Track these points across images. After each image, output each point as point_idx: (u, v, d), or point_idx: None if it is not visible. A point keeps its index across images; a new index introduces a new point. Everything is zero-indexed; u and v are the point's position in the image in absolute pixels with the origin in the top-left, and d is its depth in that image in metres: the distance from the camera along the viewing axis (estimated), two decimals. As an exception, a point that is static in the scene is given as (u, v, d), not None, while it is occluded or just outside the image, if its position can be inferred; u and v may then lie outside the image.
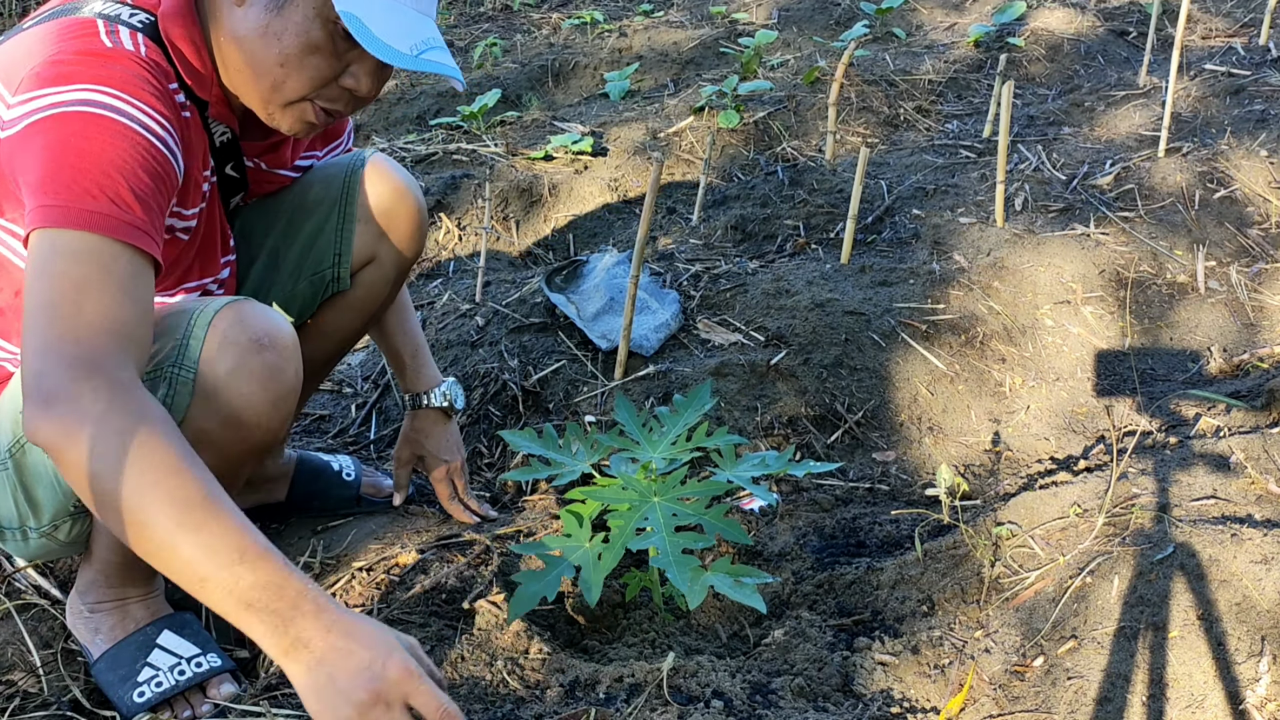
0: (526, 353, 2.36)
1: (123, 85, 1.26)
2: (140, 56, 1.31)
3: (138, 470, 1.12)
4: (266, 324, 1.36)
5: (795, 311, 2.39)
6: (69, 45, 1.28)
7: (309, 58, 1.37)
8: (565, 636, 1.68)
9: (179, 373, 1.32)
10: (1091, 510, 1.73)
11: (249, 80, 1.41)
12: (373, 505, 1.94)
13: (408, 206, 1.76)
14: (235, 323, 1.34)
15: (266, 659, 1.62)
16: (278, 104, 1.42)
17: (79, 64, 1.26)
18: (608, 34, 4.68)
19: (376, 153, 1.77)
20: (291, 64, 1.37)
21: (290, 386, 1.38)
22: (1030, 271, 2.54)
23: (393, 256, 1.78)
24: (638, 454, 1.64)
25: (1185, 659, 1.44)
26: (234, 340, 1.33)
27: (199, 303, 1.38)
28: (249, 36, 1.37)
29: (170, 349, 1.33)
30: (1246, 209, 2.79)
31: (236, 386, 1.34)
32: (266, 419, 1.37)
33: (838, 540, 1.89)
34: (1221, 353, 2.40)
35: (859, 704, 1.48)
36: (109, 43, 1.30)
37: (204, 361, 1.32)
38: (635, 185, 3.33)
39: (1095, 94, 3.67)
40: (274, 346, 1.36)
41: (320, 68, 1.39)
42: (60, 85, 1.24)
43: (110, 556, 1.49)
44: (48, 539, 1.47)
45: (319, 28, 1.36)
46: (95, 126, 1.22)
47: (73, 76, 1.25)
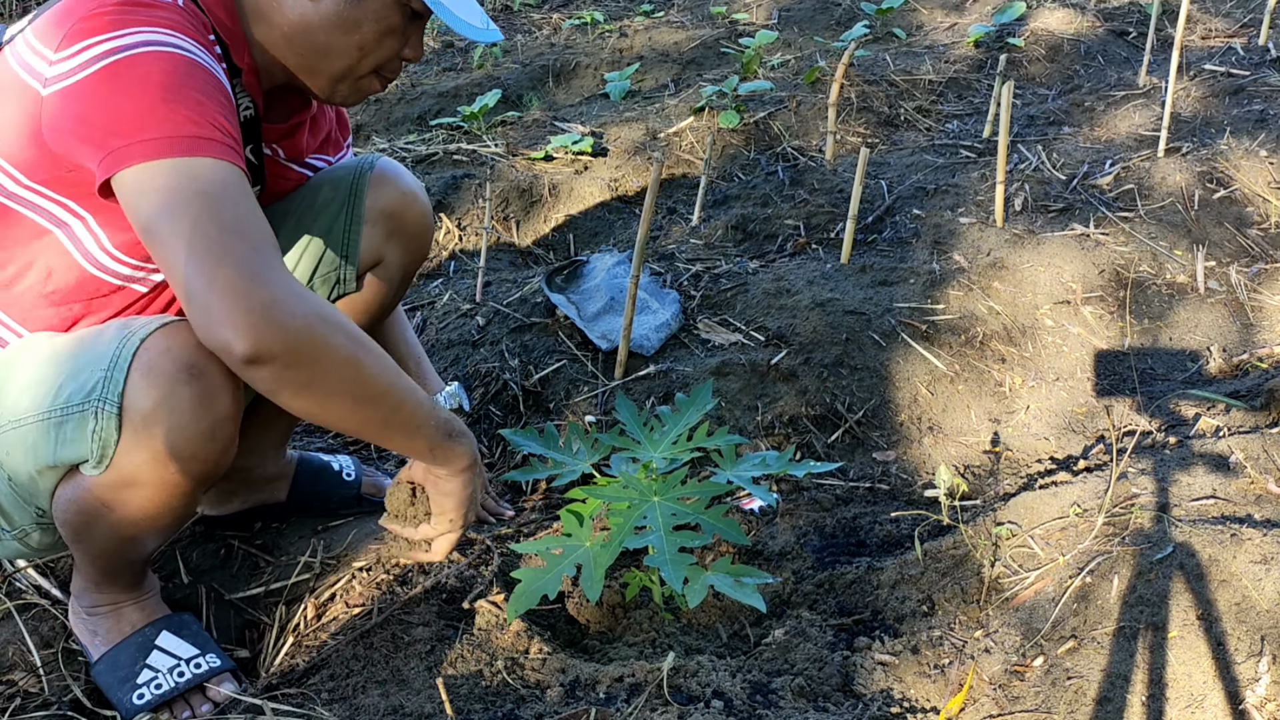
0: (527, 352, 2.36)
1: (176, 27, 1.27)
2: (179, 6, 1.32)
3: (362, 362, 1.28)
4: (196, 350, 1.28)
5: (796, 311, 2.39)
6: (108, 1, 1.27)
7: (386, 39, 1.46)
8: (565, 636, 1.68)
9: (104, 407, 1.27)
10: (1091, 510, 1.73)
11: (318, 63, 1.45)
12: (373, 505, 1.94)
13: (415, 210, 1.78)
14: (160, 351, 1.28)
15: (266, 658, 1.62)
16: (348, 81, 1.49)
17: (124, 11, 1.26)
18: (608, 34, 4.68)
19: (383, 157, 1.78)
20: (369, 47, 1.45)
21: (226, 414, 1.31)
22: (1030, 271, 2.54)
23: (399, 259, 1.79)
24: (638, 454, 1.64)
25: (1185, 659, 1.44)
26: (160, 371, 1.27)
27: (128, 326, 1.32)
28: (325, 25, 1.42)
29: (96, 381, 1.28)
30: (1246, 209, 2.79)
31: (165, 420, 1.27)
32: (202, 451, 1.31)
33: (838, 540, 1.89)
34: (1221, 353, 2.40)
35: (859, 704, 1.48)
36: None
37: (129, 395, 1.27)
38: (635, 185, 3.33)
39: (1095, 94, 3.67)
40: (204, 374, 1.28)
41: (394, 46, 1.47)
42: (112, 31, 1.23)
43: (90, 570, 1.50)
44: (19, 544, 1.48)
45: (396, 12, 1.44)
46: (168, 61, 1.23)
47: (123, 23, 1.24)
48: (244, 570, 1.79)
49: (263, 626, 1.70)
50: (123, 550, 1.45)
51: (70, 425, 1.30)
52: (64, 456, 1.33)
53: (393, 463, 2.18)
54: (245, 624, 1.72)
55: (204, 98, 1.25)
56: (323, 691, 1.50)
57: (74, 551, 1.46)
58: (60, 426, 1.31)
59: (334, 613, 1.65)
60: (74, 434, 1.30)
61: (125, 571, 1.51)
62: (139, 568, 1.53)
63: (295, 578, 1.74)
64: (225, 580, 1.77)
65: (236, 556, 1.82)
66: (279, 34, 1.43)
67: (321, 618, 1.65)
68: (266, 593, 1.74)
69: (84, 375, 1.30)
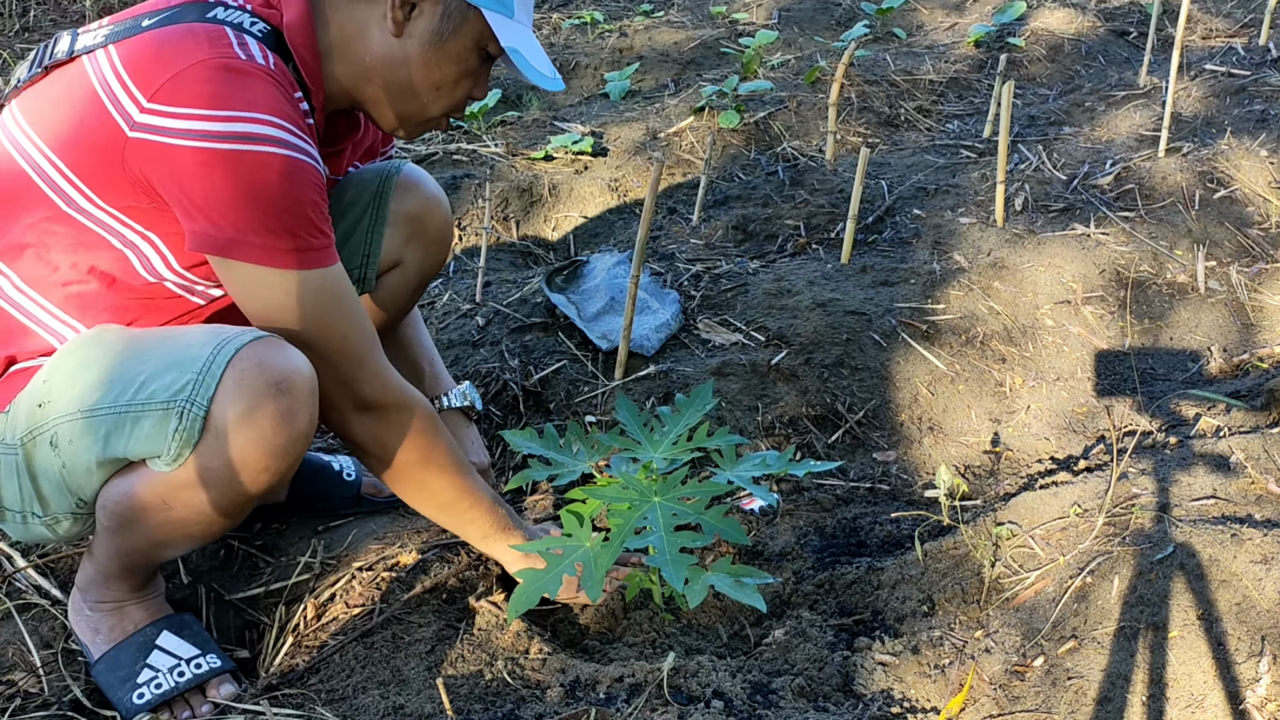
0: (527, 353, 2.36)
1: (278, 112, 1.32)
2: (271, 70, 1.35)
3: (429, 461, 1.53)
4: (286, 367, 1.35)
5: (796, 311, 2.39)
6: (205, 58, 1.30)
7: (462, 81, 1.51)
8: (565, 636, 1.68)
9: (191, 408, 1.32)
10: (1091, 510, 1.73)
11: (395, 99, 1.50)
12: (373, 505, 1.94)
13: (437, 216, 1.84)
14: (254, 364, 1.33)
15: (266, 659, 1.62)
16: (417, 119, 1.54)
17: (226, 82, 1.30)
18: (608, 34, 4.68)
19: (408, 163, 1.83)
20: (446, 88, 1.51)
21: (302, 432, 1.37)
22: (1030, 271, 2.54)
23: (417, 263, 1.84)
24: (639, 454, 1.64)
25: (1185, 659, 1.44)
26: (251, 383, 1.32)
27: (221, 334, 1.37)
28: (409, 64, 1.47)
29: (186, 381, 1.32)
30: (1246, 209, 2.79)
31: (248, 430, 1.33)
32: (274, 464, 1.36)
33: (838, 540, 1.89)
34: (1221, 353, 2.40)
35: (859, 704, 1.48)
36: (242, 54, 1.33)
37: (218, 401, 1.32)
38: (635, 185, 3.33)
39: (1095, 94, 3.67)
40: (291, 391, 1.34)
41: (468, 88, 1.54)
42: (219, 108, 1.28)
43: (108, 565, 1.50)
44: (47, 529, 1.48)
45: (474, 56, 1.49)
46: (280, 168, 1.31)
47: (228, 100, 1.29)
48: (244, 570, 1.79)
49: (262, 627, 1.70)
50: (152, 550, 1.47)
51: (149, 420, 1.33)
52: (136, 450, 1.36)
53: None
54: (245, 624, 1.72)
55: (311, 208, 1.35)
56: (323, 691, 1.50)
57: (102, 542, 1.47)
58: (139, 420, 1.34)
59: (334, 613, 1.65)
60: (152, 429, 1.33)
61: (141, 571, 1.52)
62: (154, 570, 1.55)
63: (295, 578, 1.74)
64: (225, 580, 1.77)
65: (236, 557, 1.81)
66: (359, 67, 1.47)
67: (321, 618, 1.65)
68: (266, 593, 1.74)
69: (171, 374, 1.33)
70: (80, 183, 1.35)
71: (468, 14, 1.46)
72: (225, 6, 1.39)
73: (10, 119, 1.40)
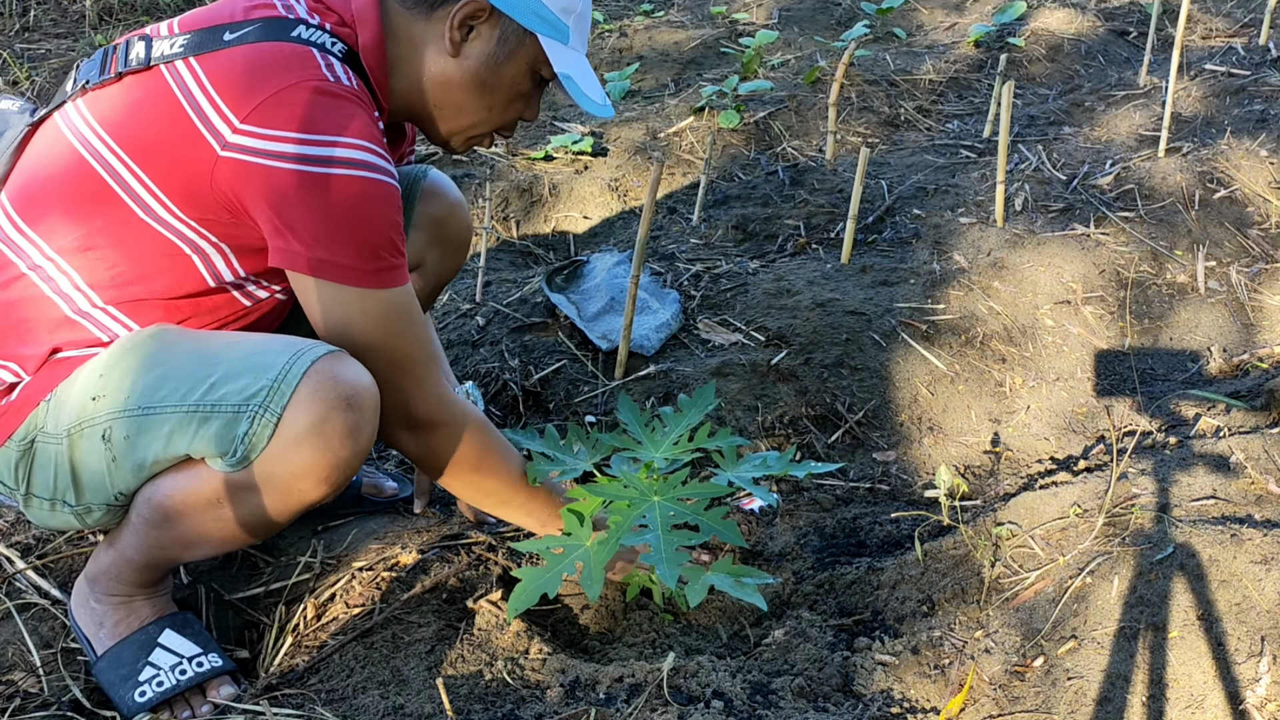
0: (527, 353, 2.36)
1: (368, 135, 1.36)
2: (357, 92, 1.39)
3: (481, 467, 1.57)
4: (356, 383, 1.38)
5: (796, 311, 2.39)
6: (296, 80, 1.34)
7: (514, 103, 1.56)
8: (565, 637, 1.68)
9: (263, 414, 1.34)
10: (1091, 510, 1.73)
11: (448, 116, 1.54)
12: (373, 505, 1.94)
13: (458, 221, 1.87)
14: (329, 377, 1.36)
15: (266, 659, 1.62)
16: (467, 135, 1.58)
17: (318, 106, 1.34)
18: (608, 34, 4.68)
19: (432, 168, 1.86)
20: (498, 109, 1.55)
21: (364, 448, 1.40)
22: (1030, 271, 2.54)
23: (436, 266, 1.87)
24: (639, 454, 1.64)
25: (1185, 659, 1.44)
26: (324, 395, 1.35)
27: (296, 345, 1.39)
28: (463, 83, 1.50)
29: (261, 388, 1.34)
30: (1246, 209, 2.79)
31: (315, 441, 1.35)
32: (335, 476, 1.39)
33: (838, 540, 1.89)
34: (1221, 353, 2.40)
35: (859, 704, 1.48)
36: (330, 76, 1.36)
37: (290, 410, 1.34)
38: (635, 185, 3.33)
39: (1095, 94, 3.67)
40: (358, 407, 1.37)
41: (519, 109, 1.58)
42: (312, 132, 1.32)
43: (134, 556, 1.50)
44: (75, 517, 1.49)
45: (528, 79, 1.54)
46: (368, 191, 1.35)
47: (320, 125, 1.33)
48: (243, 570, 1.79)
49: (262, 627, 1.70)
50: (182, 550, 1.49)
51: (217, 422, 1.35)
52: (199, 449, 1.37)
53: (393, 463, 2.18)
54: (245, 624, 1.72)
55: (393, 229, 1.39)
56: (323, 691, 1.50)
57: (136, 534, 1.47)
58: (206, 421, 1.36)
59: (334, 613, 1.65)
60: (220, 430, 1.35)
61: (161, 568, 1.54)
62: (172, 569, 1.57)
63: (295, 578, 1.74)
64: (225, 580, 1.77)
65: (236, 557, 1.81)
66: (415, 85, 1.51)
67: (321, 618, 1.65)
68: (266, 593, 1.74)
69: (245, 379, 1.35)
70: (161, 193, 1.38)
71: (524, 38, 1.49)
72: (306, 25, 1.42)
73: (80, 121, 1.42)
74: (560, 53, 1.51)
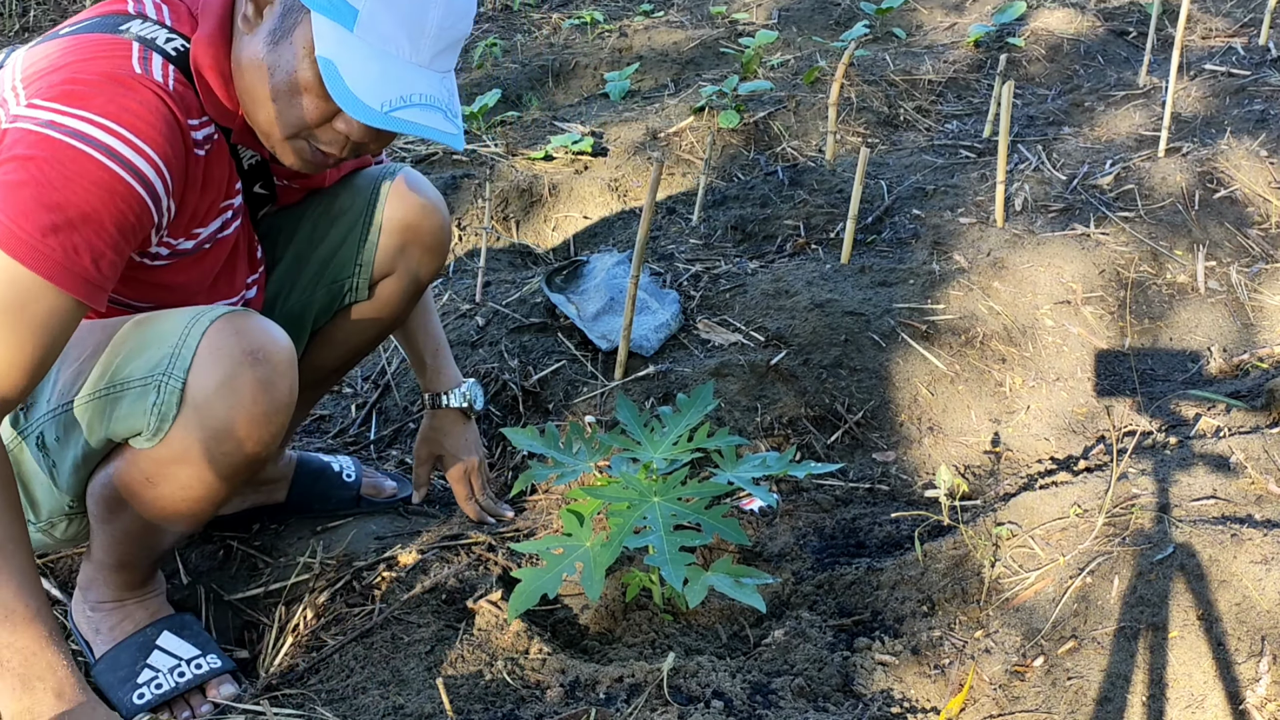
0: (526, 353, 2.36)
1: (130, 122, 1.23)
2: (166, 89, 1.29)
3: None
4: (262, 337, 1.34)
5: (795, 312, 2.39)
6: (96, 65, 1.26)
7: (297, 97, 1.34)
8: (565, 637, 1.68)
9: (168, 381, 1.31)
10: (1091, 510, 1.73)
11: (250, 108, 1.38)
12: (373, 505, 1.94)
13: (431, 223, 1.75)
14: (230, 334, 1.32)
15: (266, 659, 1.62)
16: (276, 137, 1.39)
17: (98, 87, 1.23)
18: (608, 34, 4.68)
19: (406, 167, 1.76)
20: (282, 100, 1.34)
21: (283, 402, 1.36)
22: (1030, 271, 2.54)
23: (412, 271, 1.77)
24: (639, 454, 1.64)
25: (1185, 659, 1.44)
26: (227, 353, 1.31)
27: (196, 311, 1.36)
28: (249, 66, 1.35)
29: (161, 357, 1.32)
30: (1246, 209, 2.79)
31: (226, 399, 1.32)
32: (257, 433, 1.35)
33: (838, 540, 1.89)
34: (1221, 353, 2.40)
35: (859, 704, 1.48)
36: (139, 69, 1.27)
37: (194, 372, 1.31)
38: (635, 185, 3.33)
39: (1095, 94, 3.67)
40: (268, 360, 1.33)
41: (308, 108, 1.34)
42: (75, 105, 1.21)
43: (105, 558, 1.50)
44: (44, 534, 1.49)
45: (308, 67, 1.32)
46: (78, 165, 1.19)
47: (89, 102, 1.22)
48: (243, 571, 1.79)
49: (262, 627, 1.70)
50: (145, 536, 1.47)
51: (128, 399, 1.33)
52: (117, 430, 1.36)
53: (393, 463, 2.18)
54: (245, 624, 1.72)
55: (99, 231, 1.20)
56: (323, 691, 1.50)
57: (96, 535, 1.47)
58: (118, 401, 1.34)
59: (334, 613, 1.65)
60: (130, 408, 1.33)
61: (139, 563, 1.52)
62: (153, 562, 1.55)
63: (295, 578, 1.74)
64: (224, 581, 1.77)
65: (236, 557, 1.81)
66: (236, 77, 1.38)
67: (321, 618, 1.65)
68: (266, 593, 1.74)
69: (148, 353, 1.33)
70: None
71: (301, 15, 1.31)
72: (143, 19, 1.34)
73: None
74: (333, 35, 1.28)
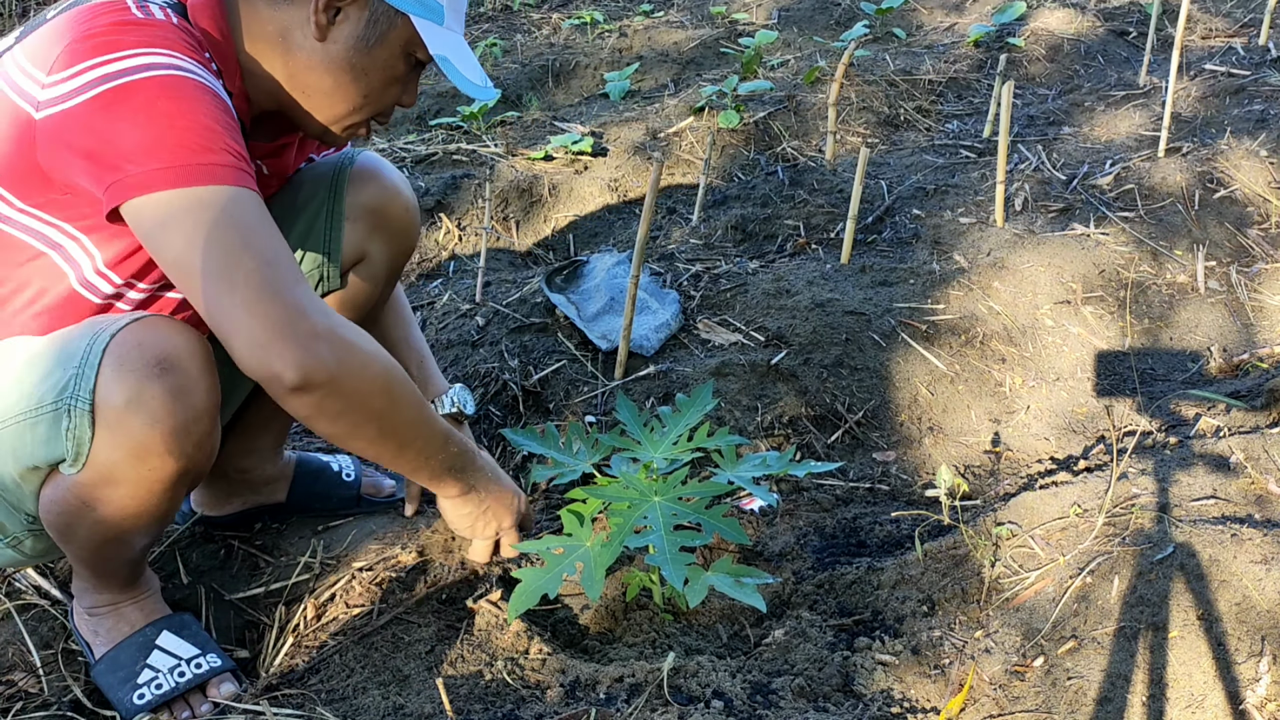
0: (527, 353, 2.36)
1: (172, 45, 1.26)
2: (173, 24, 1.31)
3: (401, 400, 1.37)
4: (167, 343, 1.29)
5: (795, 311, 2.39)
6: (100, 20, 1.26)
7: (390, 88, 1.48)
8: (565, 637, 1.68)
9: (76, 404, 1.27)
10: (1091, 510, 1.73)
11: (319, 105, 1.46)
12: (373, 505, 1.94)
13: (398, 205, 1.74)
14: (132, 346, 1.27)
15: (266, 659, 1.62)
16: (344, 124, 1.49)
17: (118, 32, 1.24)
18: (608, 34, 4.68)
19: (365, 151, 1.76)
20: (374, 94, 1.47)
21: (200, 409, 1.31)
22: (1030, 271, 2.54)
23: (383, 255, 1.75)
24: (639, 454, 1.64)
25: (1185, 659, 1.44)
26: (131, 366, 1.27)
27: (98, 324, 1.32)
28: (333, 69, 1.42)
29: (69, 379, 1.28)
30: (1246, 209, 2.79)
31: (138, 415, 1.27)
32: (179, 446, 1.30)
33: (838, 540, 1.89)
34: (1221, 353, 2.40)
35: (859, 704, 1.48)
36: (140, 14, 1.29)
37: (100, 391, 1.26)
38: (635, 185, 3.33)
39: (1095, 94, 3.67)
40: (176, 367, 1.28)
41: (395, 95, 1.50)
42: (109, 53, 1.22)
43: (82, 570, 1.50)
44: (14, 550, 1.48)
45: (402, 62, 1.46)
46: (173, 84, 1.22)
47: (118, 44, 1.23)
48: (243, 571, 1.79)
49: (262, 627, 1.70)
50: (110, 549, 1.44)
51: (44, 424, 1.30)
52: (43, 456, 1.33)
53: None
54: (245, 624, 1.72)
55: (213, 121, 1.25)
56: (323, 691, 1.50)
57: (65, 550, 1.46)
58: (35, 426, 1.31)
59: (334, 613, 1.65)
60: (49, 433, 1.30)
61: (119, 571, 1.51)
62: (132, 567, 1.53)
63: (295, 578, 1.74)
64: (225, 581, 1.77)
65: (236, 557, 1.81)
66: (281, 71, 1.43)
67: (321, 618, 1.65)
68: (266, 593, 1.74)
69: (56, 374, 1.29)
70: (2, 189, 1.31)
71: (395, 19, 1.41)
72: None
73: None
74: (435, 33, 1.43)
